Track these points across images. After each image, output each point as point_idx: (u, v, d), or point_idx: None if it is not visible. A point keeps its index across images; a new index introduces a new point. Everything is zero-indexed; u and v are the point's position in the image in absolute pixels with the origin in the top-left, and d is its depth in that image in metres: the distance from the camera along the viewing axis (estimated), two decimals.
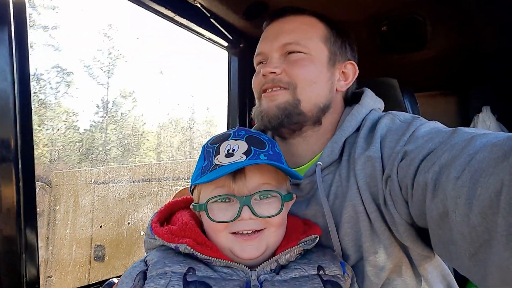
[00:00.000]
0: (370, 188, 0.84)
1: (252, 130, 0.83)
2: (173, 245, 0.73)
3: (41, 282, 1.04)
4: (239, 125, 1.79)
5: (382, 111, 1.02)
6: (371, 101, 1.01)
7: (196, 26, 1.54)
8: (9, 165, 0.94)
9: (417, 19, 1.60)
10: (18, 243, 0.95)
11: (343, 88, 1.02)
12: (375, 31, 1.70)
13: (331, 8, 1.50)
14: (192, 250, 0.71)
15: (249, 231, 0.73)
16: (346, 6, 1.52)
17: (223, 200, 0.74)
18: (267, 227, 0.74)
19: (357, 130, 0.95)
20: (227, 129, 0.83)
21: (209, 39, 1.68)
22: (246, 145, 0.76)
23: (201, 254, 0.71)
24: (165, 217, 0.84)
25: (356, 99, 1.02)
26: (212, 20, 1.53)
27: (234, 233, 0.74)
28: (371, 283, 0.84)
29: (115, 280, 1.21)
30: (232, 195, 0.73)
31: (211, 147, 0.78)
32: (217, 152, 0.76)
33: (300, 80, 0.93)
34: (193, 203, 0.81)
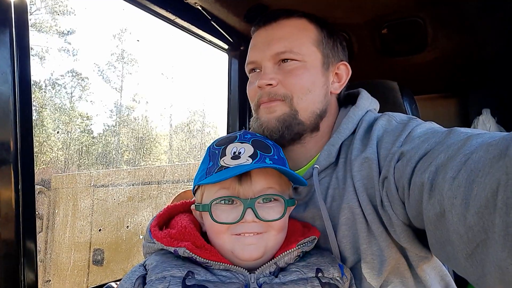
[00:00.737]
0: (367, 189, 0.84)
1: (258, 134, 0.84)
2: (172, 249, 0.73)
3: (39, 286, 1.03)
4: (238, 128, 1.79)
5: (380, 112, 1.02)
6: (367, 102, 1.00)
7: (196, 28, 1.54)
8: (9, 168, 0.93)
9: (417, 22, 1.60)
10: (17, 246, 0.95)
11: (337, 90, 1.01)
12: (376, 34, 1.70)
13: (332, 12, 1.50)
14: (191, 253, 0.71)
15: (251, 234, 0.73)
16: (347, 9, 1.52)
17: (227, 201, 0.74)
18: (268, 230, 0.75)
19: (353, 131, 0.95)
20: (227, 132, 0.83)
21: (210, 41, 1.68)
22: (252, 148, 0.77)
23: (200, 258, 0.71)
24: (164, 221, 0.84)
25: (351, 99, 1.02)
26: (212, 22, 1.53)
27: (235, 235, 0.74)
28: (369, 285, 0.84)
29: (114, 284, 1.20)
30: (237, 197, 0.73)
31: (217, 149, 0.78)
32: (223, 154, 0.76)
33: (296, 91, 0.92)
34: (196, 203, 0.81)
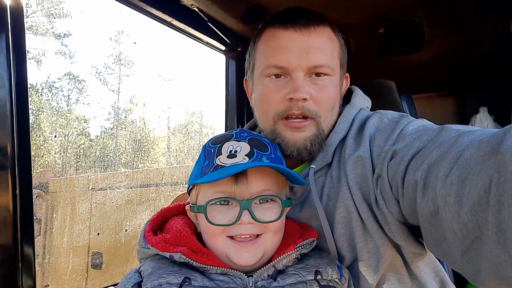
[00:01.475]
0: (361, 188, 0.84)
1: (254, 133, 0.82)
2: (167, 254, 0.71)
3: None
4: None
5: (371, 110, 1.02)
6: (361, 100, 1.00)
7: (193, 30, 1.54)
8: (6, 172, 0.93)
9: (414, 21, 1.60)
10: (15, 251, 0.94)
11: (342, 95, 1.01)
12: (373, 33, 1.70)
13: (329, 11, 1.50)
14: (187, 259, 0.69)
15: (247, 236, 0.72)
16: (344, 9, 1.52)
17: (222, 202, 0.73)
18: (264, 232, 0.73)
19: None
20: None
21: (207, 43, 1.68)
22: (249, 147, 0.75)
23: (197, 263, 0.70)
24: (158, 225, 0.82)
25: (344, 97, 1.02)
26: (209, 24, 1.53)
27: (231, 237, 0.72)
28: (366, 283, 0.84)
29: None
30: (233, 198, 0.72)
31: (213, 147, 0.76)
32: (219, 153, 0.74)
33: (324, 109, 0.89)
34: (191, 204, 0.79)
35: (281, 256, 0.73)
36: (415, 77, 2.10)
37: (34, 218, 1.01)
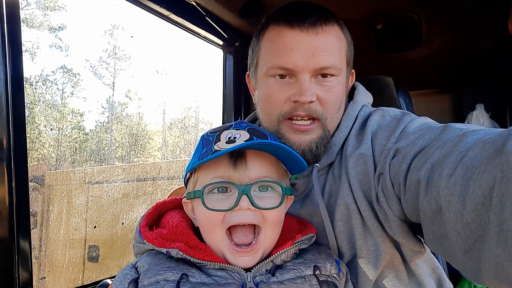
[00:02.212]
0: (362, 185, 0.84)
1: (254, 125, 0.80)
2: (164, 250, 0.70)
3: (34, 283, 1.02)
4: None
5: (374, 107, 1.02)
6: (363, 97, 1.00)
7: (191, 24, 1.53)
8: (2, 165, 0.92)
9: (412, 17, 1.60)
10: (11, 244, 0.94)
11: (347, 92, 0.99)
12: (371, 29, 1.70)
13: (327, 7, 1.50)
14: (184, 254, 0.68)
15: (246, 223, 0.70)
16: (342, 4, 1.51)
17: (221, 190, 0.71)
18: (264, 226, 0.71)
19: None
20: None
21: (204, 37, 1.67)
22: (248, 134, 0.72)
23: (194, 258, 0.69)
24: (154, 219, 0.81)
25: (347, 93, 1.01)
26: (207, 18, 1.52)
27: (229, 234, 0.71)
28: (365, 279, 0.84)
29: (109, 281, 1.20)
30: (231, 182, 0.69)
31: (211, 135, 0.75)
32: (218, 140, 0.72)
33: (330, 110, 0.88)
34: (187, 192, 0.77)
35: (280, 251, 0.73)
36: (412, 74, 2.10)
37: (30, 211, 1.01)
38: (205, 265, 0.70)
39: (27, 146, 1.00)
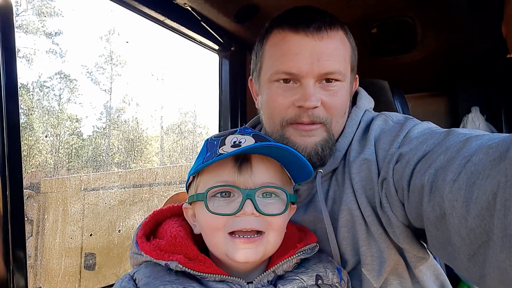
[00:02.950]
0: (365, 191, 0.83)
1: (259, 132, 0.79)
2: (163, 263, 0.69)
3: None
4: (230, 129, 1.78)
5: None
6: (366, 102, 1.00)
7: (186, 29, 1.53)
8: None
9: (406, 21, 1.61)
10: (6, 253, 0.93)
11: (351, 97, 0.99)
12: (365, 33, 1.71)
13: None
14: (184, 267, 0.67)
15: (249, 230, 0.68)
16: (336, 8, 1.52)
17: (224, 194, 0.69)
18: (267, 230, 0.69)
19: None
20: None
21: (200, 42, 1.67)
22: (253, 140, 0.71)
23: (194, 271, 0.67)
24: (151, 229, 0.79)
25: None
26: (202, 23, 1.52)
27: (232, 234, 0.68)
28: (369, 286, 0.84)
29: None
30: (236, 186, 0.68)
31: (216, 140, 0.74)
32: (222, 144, 0.71)
33: (335, 114, 0.88)
34: (190, 196, 0.75)
35: (282, 262, 0.71)
36: (407, 77, 2.11)
37: (26, 219, 1.00)
38: (205, 277, 0.68)
39: (22, 154, 0.99)
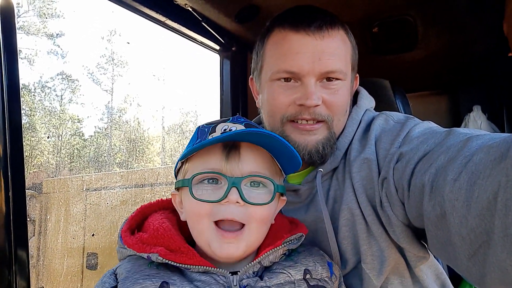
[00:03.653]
0: (366, 190, 0.83)
1: (251, 121, 0.79)
2: (145, 255, 0.68)
3: None
4: None
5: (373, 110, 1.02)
6: (367, 101, 1.00)
7: (187, 30, 1.53)
8: None
9: (408, 20, 1.61)
10: (8, 253, 0.93)
11: (352, 96, 0.99)
12: (367, 32, 1.71)
13: None
14: (164, 259, 0.66)
15: (232, 221, 0.67)
16: (338, 8, 1.52)
17: (211, 181, 0.68)
18: (249, 222, 0.68)
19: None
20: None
21: (201, 42, 1.67)
22: (244, 128, 0.70)
23: (175, 263, 0.66)
24: (137, 223, 0.78)
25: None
26: (203, 23, 1.53)
27: (216, 224, 0.68)
28: (370, 285, 0.84)
29: None
30: (222, 174, 0.67)
31: (207, 127, 0.73)
32: (213, 131, 0.71)
33: (337, 112, 0.88)
34: (176, 181, 0.75)
35: (268, 253, 0.70)
36: (408, 76, 2.11)
37: (28, 219, 1.00)
38: (188, 269, 0.67)
39: (24, 154, 1.00)
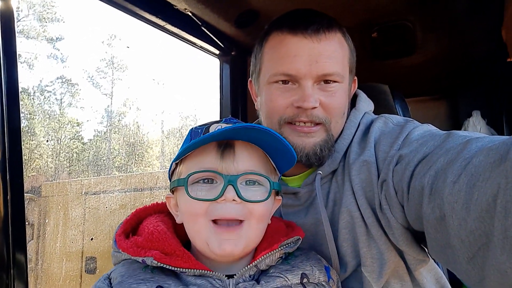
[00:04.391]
0: (365, 192, 0.83)
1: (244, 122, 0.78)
2: (140, 259, 0.67)
3: None
4: None
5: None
6: (365, 104, 1.00)
7: (187, 34, 1.54)
8: None
9: (407, 25, 1.62)
10: (7, 256, 0.93)
11: (350, 99, 0.99)
12: (366, 37, 1.72)
13: None
14: (159, 263, 0.65)
15: (230, 219, 0.66)
16: (337, 12, 1.52)
17: (206, 181, 0.68)
18: (248, 219, 0.68)
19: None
20: None
21: (201, 47, 1.68)
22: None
23: (170, 266, 0.65)
24: (132, 226, 0.78)
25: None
26: (203, 28, 1.53)
27: (213, 222, 0.67)
28: None
29: None
30: (218, 172, 0.67)
31: (200, 128, 0.73)
32: (206, 131, 0.71)
33: (334, 115, 0.89)
34: (171, 182, 0.75)
35: (264, 256, 0.69)
36: (407, 80, 2.11)
37: (27, 222, 1.00)
38: (184, 272, 0.66)
39: (23, 157, 0.99)
